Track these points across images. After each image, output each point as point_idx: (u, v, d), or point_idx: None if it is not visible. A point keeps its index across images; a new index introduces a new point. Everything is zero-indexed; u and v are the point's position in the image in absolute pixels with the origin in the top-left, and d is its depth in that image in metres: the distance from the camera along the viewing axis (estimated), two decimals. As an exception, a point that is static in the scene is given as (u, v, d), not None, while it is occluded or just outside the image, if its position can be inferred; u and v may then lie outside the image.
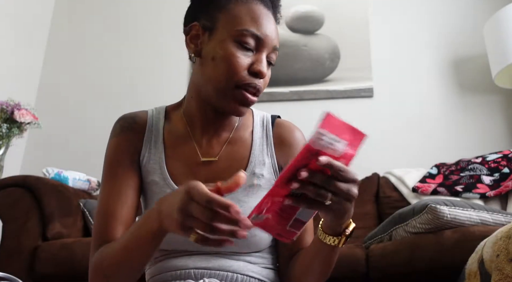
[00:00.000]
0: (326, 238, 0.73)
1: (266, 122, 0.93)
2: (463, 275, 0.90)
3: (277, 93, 2.56)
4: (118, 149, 0.88)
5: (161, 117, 0.92)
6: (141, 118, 0.92)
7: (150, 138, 0.89)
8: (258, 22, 0.81)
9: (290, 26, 2.64)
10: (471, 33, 2.48)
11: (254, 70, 0.80)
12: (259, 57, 0.81)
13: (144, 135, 0.89)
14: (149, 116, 0.92)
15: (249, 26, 0.80)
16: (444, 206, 1.22)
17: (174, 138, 0.89)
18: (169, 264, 0.83)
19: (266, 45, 0.82)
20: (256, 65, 0.80)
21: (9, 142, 2.13)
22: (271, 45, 0.83)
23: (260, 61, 0.80)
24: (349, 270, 1.33)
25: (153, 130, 0.90)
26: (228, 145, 0.89)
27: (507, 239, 0.72)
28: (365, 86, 2.49)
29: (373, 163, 2.32)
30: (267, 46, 0.82)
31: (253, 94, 0.81)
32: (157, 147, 0.88)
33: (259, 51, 0.81)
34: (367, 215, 2.01)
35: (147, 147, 0.88)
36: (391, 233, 1.39)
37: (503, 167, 1.86)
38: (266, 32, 0.81)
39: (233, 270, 0.81)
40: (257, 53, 0.81)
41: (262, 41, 0.81)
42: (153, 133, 0.90)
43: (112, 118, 0.99)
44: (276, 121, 0.94)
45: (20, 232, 1.66)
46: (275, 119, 0.95)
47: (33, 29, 2.86)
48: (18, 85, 2.67)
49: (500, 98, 2.36)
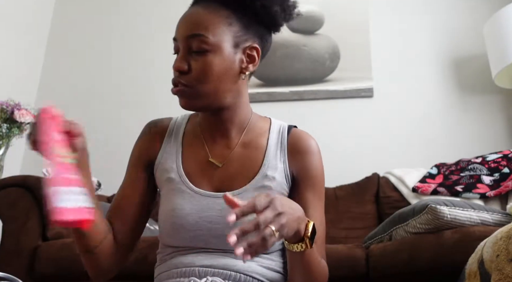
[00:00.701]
0: (293, 247, 0.75)
1: (282, 130, 0.96)
2: (463, 275, 0.90)
3: (277, 93, 2.56)
4: (135, 151, 0.98)
5: (183, 122, 1.00)
6: (163, 122, 1.00)
7: (169, 140, 0.96)
8: (177, 26, 0.88)
9: (290, 26, 2.63)
10: (471, 33, 2.48)
11: (172, 68, 0.86)
12: (177, 56, 0.86)
13: (164, 137, 0.97)
14: (172, 121, 1.00)
15: (174, 34, 0.88)
16: (444, 206, 1.22)
17: (191, 141, 0.95)
18: (176, 261, 0.86)
19: (179, 40, 0.86)
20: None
21: (9, 141, 2.13)
22: (184, 37, 0.85)
23: (175, 59, 0.86)
24: (349, 270, 1.33)
25: (173, 134, 0.97)
26: (240, 147, 0.93)
27: (507, 239, 0.72)
28: (365, 86, 2.49)
29: (373, 163, 2.32)
30: (180, 41, 0.86)
31: (175, 87, 0.87)
32: (175, 148, 0.95)
33: (179, 50, 0.87)
34: (367, 215, 2.01)
35: (165, 148, 0.96)
36: (391, 233, 1.39)
37: (503, 167, 1.86)
38: (178, 30, 0.87)
39: (236, 270, 0.83)
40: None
41: (177, 40, 0.87)
42: (173, 136, 0.97)
43: (112, 118, 1.02)
44: (292, 130, 0.97)
45: (20, 232, 1.66)
46: (292, 128, 0.98)
47: (33, 29, 2.86)
48: (18, 85, 2.67)
49: (500, 98, 2.36)
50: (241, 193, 0.87)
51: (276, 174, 0.90)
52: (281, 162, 0.92)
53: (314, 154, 0.94)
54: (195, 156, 0.93)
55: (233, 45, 0.86)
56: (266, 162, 0.91)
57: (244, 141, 0.93)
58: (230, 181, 0.89)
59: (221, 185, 0.89)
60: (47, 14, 2.99)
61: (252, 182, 0.88)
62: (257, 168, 0.90)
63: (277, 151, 0.93)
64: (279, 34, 0.97)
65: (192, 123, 0.99)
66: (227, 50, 0.85)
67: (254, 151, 0.92)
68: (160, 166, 0.94)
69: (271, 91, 2.56)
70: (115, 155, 2.50)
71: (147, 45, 2.83)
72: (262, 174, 0.89)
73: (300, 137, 0.96)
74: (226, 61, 0.85)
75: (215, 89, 0.85)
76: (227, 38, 0.85)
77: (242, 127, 0.94)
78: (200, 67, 0.83)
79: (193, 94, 0.85)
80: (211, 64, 0.83)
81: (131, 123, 2.66)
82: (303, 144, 0.94)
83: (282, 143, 0.94)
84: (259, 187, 0.88)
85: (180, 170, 0.91)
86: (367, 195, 2.08)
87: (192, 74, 0.84)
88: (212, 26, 0.84)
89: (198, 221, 0.84)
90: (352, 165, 2.36)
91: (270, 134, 0.95)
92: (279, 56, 2.61)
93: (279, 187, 0.90)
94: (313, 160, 0.93)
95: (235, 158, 0.91)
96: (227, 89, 0.87)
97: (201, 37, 0.83)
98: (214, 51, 0.83)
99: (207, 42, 0.83)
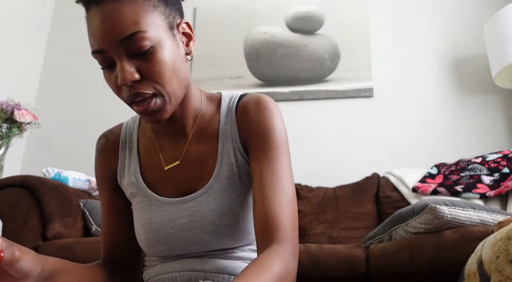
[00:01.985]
0: None
1: (232, 104, 0.85)
2: (463, 275, 0.90)
3: (277, 93, 2.56)
4: (97, 172, 0.91)
5: (135, 126, 0.91)
6: (114, 134, 0.91)
7: (124, 153, 0.89)
8: (92, 36, 0.70)
9: (290, 27, 2.63)
10: (471, 33, 2.48)
11: (119, 85, 0.70)
12: (117, 69, 0.69)
13: (118, 151, 0.89)
14: (123, 129, 0.91)
15: (91, 46, 0.71)
16: (444, 206, 1.22)
17: (146, 147, 0.88)
18: (165, 266, 0.83)
19: (110, 49, 0.68)
20: (118, 80, 0.69)
21: (9, 141, 2.13)
22: (115, 43, 0.68)
23: (118, 73, 0.69)
24: (349, 270, 1.33)
25: (127, 143, 0.89)
26: (193, 143, 0.84)
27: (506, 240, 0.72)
28: (365, 86, 2.49)
29: (373, 163, 2.32)
30: (112, 50, 0.68)
31: (141, 102, 0.71)
32: (131, 159, 0.88)
33: (114, 61, 0.70)
34: (367, 215, 2.01)
35: (122, 162, 0.88)
36: (391, 233, 1.39)
37: (503, 167, 1.86)
38: (100, 38, 0.68)
39: (229, 272, 0.80)
40: (115, 64, 0.70)
41: (104, 50, 0.69)
42: (127, 145, 0.89)
43: (112, 118, 1.00)
44: (243, 98, 0.85)
45: (20, 232, 1.66)
46: (243, 96, 0.86)
47: (33, 29, 2.86)
48: (18, 85, 2.67)
49: (500, 98, 2.36)
50: (206, 191, 0.80)
51: (236, 158, 0.81)
52: (234, 141, 0.82)
53: (262, 112, 0.80)
54: (152, 164, 0.85)
55: (169, 28, 0.73)
56: (222, 148, 0.82)
57: (196, 134, 0.84)
58: (193, 181, 0.82)
59: (186, 188, 0.82)
60: (47, 14, 2.99)
61: (213, 176, 0.81)
62: (215, 159, 0.82)
63: (229, 131, 0.83)
64: (279, 34, 0.94)
65: (144, 127, 0.90)
66: (167, 37, 0.72)
67: (208, 140, 0.83)
68: (122, 181, 0.88)
69: (271, 91, 2.56)
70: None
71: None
72: (220, 164, 0.81)
73: (246, 101, 0.83)
74: (173, 49, 0.72)
75: (176, 85, 0.73)
76: (161, 24, 0.71)
77: (195, 117, 0.84)
78: (153, 69, 0.69)
79: (163, 101, 0.72)
80: (163, 60, 0.70)
81: (131, 123, 2.66)
82: (248, 106, 0.82)
83: (232, 119, 0.84)
84: (223, 179, 0.80)
85: (140, 183, 0.85)
86: (367, 195, 2.08)
87: (147, 80, 0.70)
88: (142, 18, 0.68)
89: (171, 232, 0.80)
90: (352, 165, 2.37)
91: (220, 115, 0.85)
92: (279, 56, 2.61)
93: (242, 171, 0.81)
94: (259, 117, 0.80)
95: (191, 155, 0.83)
96: (183, 79, 0.75)
97: (138, 35, 0.68)
98: (157, 45, 0.70)
99: (147, 37, 0.68)
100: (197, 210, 0.80)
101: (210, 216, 0.79)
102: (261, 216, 0.72)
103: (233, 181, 0.81)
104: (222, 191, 0.81)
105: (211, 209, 0.79)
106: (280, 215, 0.71)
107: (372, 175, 2.17)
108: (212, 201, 0.80)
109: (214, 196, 0.80)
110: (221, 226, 0.79)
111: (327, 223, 1.99)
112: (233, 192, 0.81)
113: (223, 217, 0.79)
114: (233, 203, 0.80)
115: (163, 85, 0.71)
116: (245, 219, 0.81)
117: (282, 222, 0.71)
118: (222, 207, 0.79)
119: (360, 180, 2.18)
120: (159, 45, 0.70)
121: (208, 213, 0.79)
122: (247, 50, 2.64)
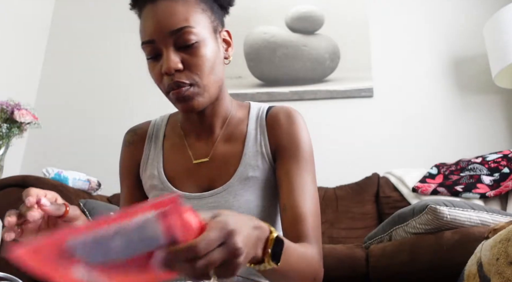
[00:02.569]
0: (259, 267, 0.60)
1: (261, 113, 0.92)
2: (462, 276, 0.90)
3: (277, 93, 2.56)
4: (122, 164, 0.96)
5: (163, 124, 0.97)
6: (142, 129, 0.97)
7: (149, 147, 0.94)
8: (144, 28, 0.80)
9: (290, 26, 2.63)
10: (471, 33, 2.47)
11: (163, 73, 0.78)
12: (163, 58, 0.78)
13: (144, 145, 0.95)
14: (151, 125, 0.98)
15: (142, 38, 0.80)
16: (444, 206, 1.22)
17: (172, 143, 0.93)
18: None
19: (160, 40, 0.78)
20: (162, 68, 0.78)
21: (9, 141, 2.13)
22: (166, 34, 0.77)
23: (164, 61, 0.78)
24: (349, 270, 1.33)
25: (153, 138, 0.95)
26: (220, 142, 0.89)
27: (506, 242, 0.71)
28: (365, 86, 2.49)
29: (373, 163, 2.32)
30: (162, 41, 0.78)
31: (178, 89, 0.78)
32: (155, 153, 0.93)
33: (161, 51, 0.79)
34: (367, 215, 2.01)
35: (147, 154, 0.94)
36: (391, 233, 1.39)
37: (503, 167, 1.86)
38: (152, 30, 0.78)
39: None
40: (162, 55, 0.79)
41: (154, 41, 0.78)
42: (153, 141, 0.95)
43: (112, 118, 1.02)
44: (271, 109, 0.92)
45: (20, 232, 1.66)
46: (272, 107, 0.93)
47: (33, 29, 2.86)
48: (18, 85, 2.67)
49: (500, 98, 2.36)
50: (226, 188, 0.84)
51: (259, 162, 0.86)
52: (261, 146, 0.87)
53: (293, 124, 0.87)
54: (177, 159, 0.90)
55: (213, 31, 0.82)
56: (247, 151, 0.87)
57: (225, 134, 0.90)
58: (215, 178, 0.86)
59: (207, 184, 0.86)
60: (47, 14, 2.99)
61: (235, 175, 0.85)
62: (239, 159, 0.86)
63: (257, 135, 0.89)
64: (279, 35, 0.96)
65: (172, 124, 0.96)
66: (211, 37, 0.81)
67: (235, 142, 0.89)
68: (144, 174, 0.92)
69: (271, 91, 2.55)
70: (115, 154, 2.50)
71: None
72: (244, 165, 0.85)
73: (277, 112, 0.90)
74: (215, 49, 0.81)
75: (212, 82, 0.80)
76: (207, 25, 0.80)
77: (225, 119, 0.91)
78: (195, 61, 0.78)
79: (199, 92, 0.79)
80: (205, 55, 0.78)
81: (132, 122, 2.66)
82: (279, 117, 0.89)
83: (261, 125, 0.90)
84: (244, 179, 0.84)
85: (162, 176, 0.89)
86: (367, 195, 2.08)
87: (188, 70, 0.78)
88: (191, 16, 0.78)
89: None
90: (352, 165, 2.36)
91: (249, 120, 0.91)
92: (279, 56, 2.60)
93: (264, 175, 0.86)
94: (291, 129, 0.87)
95: (218, 153, 0.88)
96: (219, 78, 0.83)
97: (187, 29, 0.77)
98: (202, 41, 0.78)
99: (194, 33, 0.77)
100: (215, 206, 0.82)
101: None
102: (289, 222, 0.78)
103: (254, 183, 0.85)
104: (242, 191, 0.84)
105: (228, 207, 0.82)
106: (308, 223, 0.78)
107: (372, 175, 2.17)
108: (230, 199, 0.83)
109: (234, 195, 0.83)
110: None
111: (327, 223, 1.99)
112: (252, 194, 0.84)
113: None
114: (251, 204, 0.83)
115: (201, 78, 0.79)
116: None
117: (309, 229, 0.78)
118: (240, 206, 0.82)
119: (360, 180, 2.17)
120: (203, 42, 0.79)
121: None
122: (247, 50, 2.64)
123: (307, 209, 0.79)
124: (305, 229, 0.77)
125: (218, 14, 0.85)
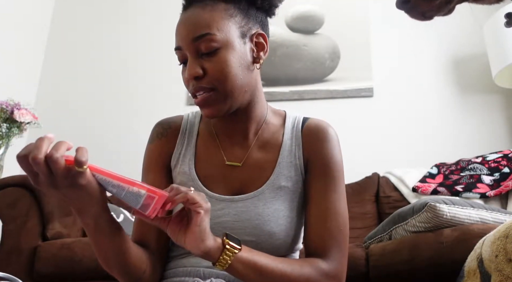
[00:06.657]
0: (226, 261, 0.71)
1: (296, 124, 0.93)
2: (462, 272, 0.90)
3: (277, 93, 2.56)
4: (152, 155, 0.93)
5: (196, 121, 0.96)
6: (175, 122, 0.96)
7: (182, 143, 0.93)
8: (176, 35, 0.84)
9: (290, 26, 2.63)
10: (471, 33, 2.47)
11: (186, 78, 0.82)
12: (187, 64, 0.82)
13: (177, 139, 0.94)
14: (183, 121, 0.96)
15: (175, 44, 0.84)
16: (443, 204, 1.22)
17: (205, 141, 0.92)
18: (184, 260, 0.84)
19: (185, 47, 0.81)
20: (185, 74, 0.82)
21: (9, 141, 2.13)
22: (189, 41, 0.80)
23: (186, 68, 0.82)
24: (349, 270, 1.32)
25: (186, 134, 0.94)
26: (255, 148, 0.89)
27: (504, 239, 0.71)
28: (365, 86, 2.49)
29: (373, 162, 2.32)
30: (186, 47, 0.81)
31: (197, 94, 0.82)
32: (188, 150, 0.92)
33: (187, 58, 0.82)
34: (367, 214, 2.01)
35: (179, 151, 0.92)
36: (390, 232, 1.39)
37: (503, 166, 1.85)
38: (179, 37, 0.82)
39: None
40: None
41: (181, 47, 0.82)
42: (186, 137, 0.94)
43: (112, 118, 1.01)
44: (307, 121, 0.94)
45: (20, 232, 1.65)
46: (307, 119, 0.95)
47: (33, 29, 2.86)
48: (18, 85, 2.67)
49: (500, 98, 2.36)
50: (257, 195, 0.84)
51: (292, 173, 0.87)
52: (296, 157, 0.88)
53: (327, 141, 0.89)
54: (210, 159, 0.90)
55: (240, 36, 0.83)
56: (281, 160, 0.88)
57: (260, 140, 0.90)
58: (247, 183, 0.86)
59: (238, 188, 0.86)
60: (47, 14, 2.99)
61: (267, 183, 0.85)
62: (273, 167, 0.87)
63: (292, 146, 0.90)
64: (279, 34, 0.96)
65: (206, 123, 0.95)
66: (236, 42, 0.81)
67: (270, 149, 0.89)
68: (174, 169, 0.91)
69: (271, 91, 2.55)
70: (115, 154, 2.50)
71: (148, 44, 2.83)
72: (277, 174, 0.86)
73: (313, 126, 0.92)
74: (239, 54, 0.81)
75: (236, 87, 0.81)
76: (233, 30, 0.81)
77: (259, 124, 0.91)
78: (216, 67, 0.79)
79: (219, 97, 0.80)
80: (226, 61, 0.79)
81: (132, 122, 2.66)
82: (315, 131, 0.90)
83: (296, 137, 0.91)
84: (276, 188, 0.85)
85: (192, 174, 0.88)
86: (367, 195, 2.08)
87: (209, 76, 0.80)
88: (215, 23, 0.80)
89: (213, 227, 0.79)
90: (352, 165, 2.36)
91: (285, 129, 0.92)
92: (279, 56, 2.60)
93: (295, 186, 0.87)
94: (324, 146, 0.88)
95: (252, 159, 0.88)
96: (245, 83, 0.83)
97: (208, 36, 0.79)
98: (224, 47, 0.80)
99: (216, 40, 0.79)
100: (243, 211, 0.82)
101: (255, 220, 0.82)
102: (311, 240, 0.82)
103: (285, 193, 0.85)
104: (273, 199, 0.84)
105: (258, 213, 0.82)
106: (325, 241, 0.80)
107: (372, 175, 2.17)
108: (260, 206, 0.83)
109: (264, 202, 0.83)
110: (263, 233, 0.81)
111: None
112: (282, 203, 0.84)
113: (267, 224, 0.81)
114: (280, 213, 0.83)
115: (223, 83, 0.79)
116: (287, 232, 0.83)
117: (326, 247, 0.80)
118: (269, 214, 0.82)
119: (360, 179, 2.17)
120: (226, 48, 0.80)
121: (254, 216, 0.82)
122: (247, 50, 2.64)
123: (328, 227, 0.80)
124: (322, 246, 0.80)
125: (253, 17, 0.86)
